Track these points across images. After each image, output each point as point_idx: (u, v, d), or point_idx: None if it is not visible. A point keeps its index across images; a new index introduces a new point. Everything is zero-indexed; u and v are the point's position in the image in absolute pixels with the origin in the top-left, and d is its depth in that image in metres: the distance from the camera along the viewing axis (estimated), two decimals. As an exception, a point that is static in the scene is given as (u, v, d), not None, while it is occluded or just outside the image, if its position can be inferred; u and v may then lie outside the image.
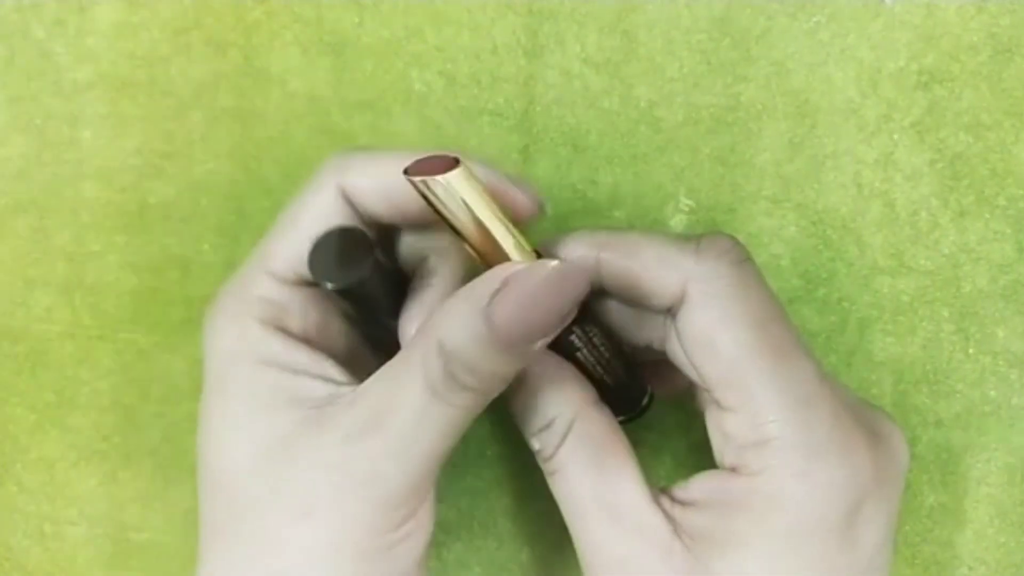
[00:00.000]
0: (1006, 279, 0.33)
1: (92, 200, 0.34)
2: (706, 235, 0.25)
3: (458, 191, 0.22)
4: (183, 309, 0.34)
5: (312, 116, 0.33)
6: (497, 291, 0.22)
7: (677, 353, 0.25)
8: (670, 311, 0.25)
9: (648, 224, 0.33)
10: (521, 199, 0.24)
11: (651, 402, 0.29)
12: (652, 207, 0.33)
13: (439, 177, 0.21)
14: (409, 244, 0.27)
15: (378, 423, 0.23)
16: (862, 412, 0.25)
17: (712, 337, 0.24)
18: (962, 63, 0.32)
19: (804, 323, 0.33)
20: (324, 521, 0.23)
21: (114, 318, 0.34)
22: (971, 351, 0.33)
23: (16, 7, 0.34)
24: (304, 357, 0.24)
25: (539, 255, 0.24)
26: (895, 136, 0.33)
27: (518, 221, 0.24)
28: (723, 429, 0.24)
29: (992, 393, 0.33)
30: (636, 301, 0.26)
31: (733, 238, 0.25)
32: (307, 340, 0.25)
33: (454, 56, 0.33)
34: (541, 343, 0.22)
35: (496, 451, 0.34)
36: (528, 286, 0.22)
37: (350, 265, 0.23)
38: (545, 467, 0.26)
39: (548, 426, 0.25)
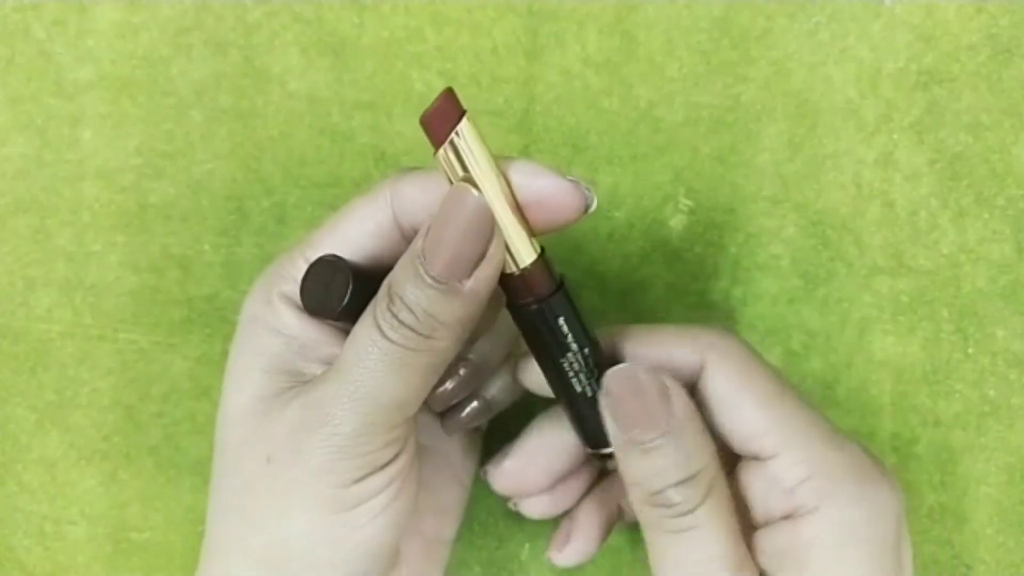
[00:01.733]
0: (1005, 279, 0.33)
1: (92, 200, 0.34)
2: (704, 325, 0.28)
3: (469, 145, 0.23)
4: (183, 309, 0.34)
5: (312, 116, 0.33)
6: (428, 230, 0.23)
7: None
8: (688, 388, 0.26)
9: (648, 224, 0.33)
10: (568, 198, 0.24)
11: None
12: (652, 207, 0.33)
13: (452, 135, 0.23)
14: None
15: (333, 368, 0.24)
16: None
17: (738, 394, 0.25)
18: (961, 63, 0.32)
19: (804, 323, 0.33)
20: (281, 464, 0.24)
21: (114, 318, 0.34)
22: (970, 351, 0.33)
23: (16, 7, 0.34)
24: (313, 333, 0.25)
25: (540, 250, 0.24)
26: (895, 136, 0.33)
27: (569, 222, 0.24)
28: (768, 477, 0.25)
29: (991, 393, 0.33)
30: None
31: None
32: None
33: (454, 56, 0.33)
34: (471, 284, 0.23)
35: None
36: (440, 214, 0.23)
37: (330, 294, 0.24)
38: (674, 524, 0.24)
39: (692, 478, 0.24)
